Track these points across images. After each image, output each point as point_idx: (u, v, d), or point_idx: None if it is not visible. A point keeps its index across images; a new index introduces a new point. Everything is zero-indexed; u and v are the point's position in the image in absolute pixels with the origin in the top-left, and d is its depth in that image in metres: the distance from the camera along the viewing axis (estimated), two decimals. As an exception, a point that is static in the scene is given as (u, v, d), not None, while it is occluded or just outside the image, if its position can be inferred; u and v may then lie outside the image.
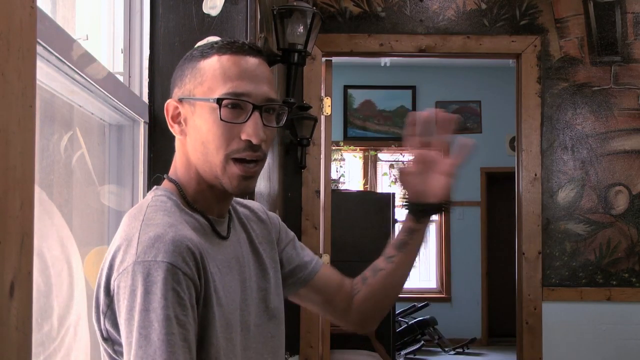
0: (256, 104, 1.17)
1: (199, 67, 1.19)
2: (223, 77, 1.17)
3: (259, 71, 1.20)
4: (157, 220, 1.12)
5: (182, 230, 1.11)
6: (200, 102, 1.17)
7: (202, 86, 1.18)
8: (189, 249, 1.08)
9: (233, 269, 1.21)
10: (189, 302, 1.07)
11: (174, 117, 1.22)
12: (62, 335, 1.38)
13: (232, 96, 1.16)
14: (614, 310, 3.94)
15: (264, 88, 1.19)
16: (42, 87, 1.34)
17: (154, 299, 1.03)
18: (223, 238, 1.22)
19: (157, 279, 1.04)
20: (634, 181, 3.99)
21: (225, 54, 1.18)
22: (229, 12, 2.03)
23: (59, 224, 1.43)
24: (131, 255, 1.06)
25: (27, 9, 0.82)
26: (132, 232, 1.10)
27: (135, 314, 1.03)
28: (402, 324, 7.18)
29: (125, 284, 1.05)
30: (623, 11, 4.00)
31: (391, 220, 5.73)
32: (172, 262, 1.05)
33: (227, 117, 1.16)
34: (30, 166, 0.84)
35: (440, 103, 7.98)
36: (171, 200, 1.18)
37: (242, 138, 1.16)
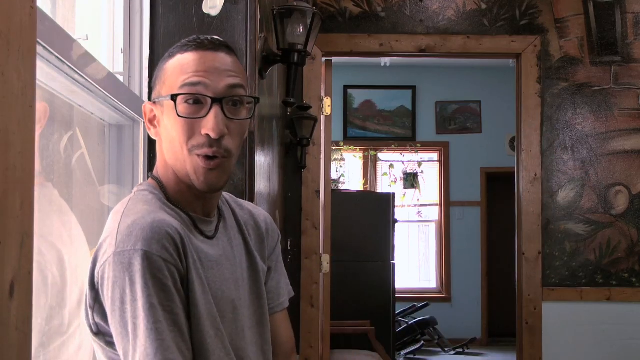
0: (215, 97, 1.15)
1: (164, 67, 1.20)
2: (180, 73, 1.16)
3: (220, 64, 1.18)
4: (137, 210, 1.12)
5: (161, 216, 1.10)
6: (166, 102, 1.17)
7: (165, 85, 1.18)
8: (167, 234, 1.07)
9: (223, 267, 1.20)
10: (173, 287, 1.06)
11: (151, 119, 1.23)
12: (75, 328, 1.39)
13: (186, 87, 1.15)
14: (614, 310, 3.94)
15: (225, 80, 1.17)
16: (42, 87, 1.34)
17: (137, 288, 1.03)
18: (207, 237, 1.21)
19: (137, 268, 1.04)
20: (634, 181, 3.99)
21: (187, 51, 1.18)
22: (229, 12, 2.03)
23: (72, 221, 1.44)
24: (111, 247, 1.07)
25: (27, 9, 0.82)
26: (114, 225, 1.10)
27: (119, 305, 1.04)
28: (402, 324, 7.18)
29: (108, 275, 1.06)
30: (623, 11, 4.00)
31: (391, 220, 5.73)
32: (151, 250, 1.05)
33: (185, 112, 1.15)
34: (30, 166, 0.84)
35: (440, 103, 7.98)
36: (153, 194, 1.19)
37: (202, 133, 1.14)
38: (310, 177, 3.93)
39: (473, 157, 7.93)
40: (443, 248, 8.01)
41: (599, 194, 3.98)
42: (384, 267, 5.65)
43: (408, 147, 7.91)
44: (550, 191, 3.99)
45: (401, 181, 8.04)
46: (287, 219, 3.88)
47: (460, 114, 7.99)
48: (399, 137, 7.97)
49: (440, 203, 8.07)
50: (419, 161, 8.03)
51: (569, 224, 3.97)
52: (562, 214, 3.98)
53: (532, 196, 3.97)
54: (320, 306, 3.91)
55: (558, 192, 3.99)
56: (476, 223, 7.95)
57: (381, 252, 5.65)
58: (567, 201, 3.98)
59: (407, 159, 8.03)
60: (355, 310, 5.45)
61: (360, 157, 7.93)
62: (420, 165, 8.02)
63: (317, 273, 3.90)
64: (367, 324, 5.27)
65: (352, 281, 5.50)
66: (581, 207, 3.98)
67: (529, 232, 3.96)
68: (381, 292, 5.60)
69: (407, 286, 7.94)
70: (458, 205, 7.97)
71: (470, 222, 7.94)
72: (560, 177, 3.99)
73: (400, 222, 7.22)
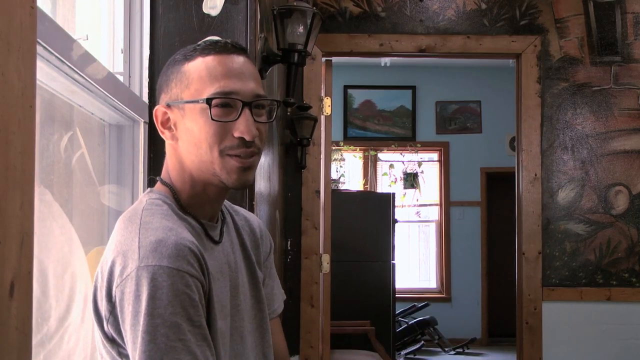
0: (245, 101, 1.17)
1: (183, 70, 1.19)
2: (209, 78, 1.17)
3: (245, 68, 1.19)
4: (156, 223, 1.11)
5: (182, 233, 1.11)
6: (190, 105, 1.17)
7: (189, 89, 1.18)
8: (191, 250, 1.08)
9: (224, 274, 1.21)
10: (199, 302, 1.07)
11: (164, 122, 1.21)
12: (61, 334, 1.38)
13: (220, 92, 1.15)
14: (614, 310, 3.94)
15: (251, 85, 1.18)
16: (42, 87, 1.34)
17: (160, 304, 1.02)
18: (216, 242, 1.22)
19: (163, 284, 1.03)
20: (634, 181, 3.99)
21: (209, 54, 1.18)
22: (229, 12, 2.03)
23: (62, 225, 1.43)
24: (133, 261, 1.06)
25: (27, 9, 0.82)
26: (131, 237, 1.09)
27: (140, 319, 1.03)
28: (402, 324, 7.18)
29: (130, 289, 1.04)
30: (623, 11, 4.00)
31: (391, 220, 5.72)
32: (178, 267, 1.05)
33: (217, 116, 1.15)
34: (30, 166, 0.84)
35: (440, 103, 7.98)
36: (166, 204, 1.18)
37: (235, 135, 1.16)
38: (310, 177, 3.93)
39: (473, 157, 7.93)
40: (443, 248, 8.01)
41: (599, 194, 3.98)
42: (384, 267, 5.65)
43: (408, 147, 7.91)
44: (550, 191, 3.99)
45: (401, 181, 8.04)
46: (287, 219, 3.88)
47: (460, 114, 7.99)
48: (399, 137, 7.97)
49: (440, 203, 8.07)
50: (419, 161, 8.03)
51: (569, 224, 3.97)
52: (562, 214, 3.98)
53: (532, 196, 3.97)
54: (320, 306, 3.91)
55: (558, 192, 3.99)
56: (476, 223, 7.95)
57: (381, 252, 5.65)
58: (567, 201, 3.98)
59: (407, 159, 8.03)
60: (355, 310, 5.45)
61: (360, 157, 7.93)
62: (420, 165, 8.02)
63: (317, 273, 3.90)
64: (367, 324, 5.27)
65: (352, 281, 5.50)
66: (581, 207, 3.98)
67: (529, 232, 3.96)
68: (381, 292, 5.60)
69: (407, 286, 7.94)
70: (458, 205, 7.97)
71: (470, 222, 7.94)
72: (560, 177, 3.99)
73: (400, 222, 7.22)
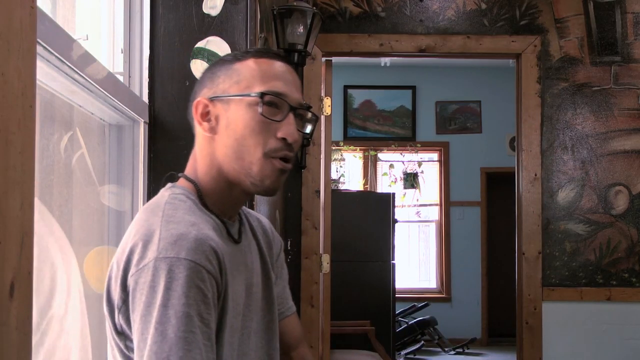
0: (293, 105, 1.19)
1: (234, 67, 1.21)
2: (262, 77, 1.19)
3: (293, 77, 1.23)
4: (178, 217, 1.11)
5: (204, 230, 1.11)
6: (236, 100, 1.19)
7: (238, 85, 1.20)
8: (212, 248, 1.08)
9: (241, 273, 1.21)
10: (212, 300, 1.06)
11: (203, 115, 1.22)
12: (44, 327, 1.38)
13: (274, 94, 1.18)
14: (614, 310, 3.94)
15: (298, 94, 1.22)
16: (42, 87, 1.34)
17: (174, 295, 1.02)
18: (235, 242, 1.22)
19: (179, 275, 1.03)
20: (634, 181, 3.99)
21: (262, 57, 1.22)
22: (229, 12, 2.03)
23: (41, 213, 1.43)
24: (152, 252, 1.05)
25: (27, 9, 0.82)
26: (152, 228, 1.09)
27: (153, 310, 1.02)
28: (402, 324, 7.18)
29: (145, 279, 1.04)
30: (623, 11, 4.00)
31: (391, 220, 5.72)
32: (196, 260, 1.05)
33: (266, 113, 1.17)
34: (30, 166, 0.84)
35: (440, 103, 7.98)
36: (190, 200, 1.18)
37: (278, 136, 1.18)
38: (310, 177, 3.93)
39: (473, 157, 7.93)
40: (443, 248, 8.01)
41: (599, 194, 3.98)
42: (384, 267, 5.65)
43: (408, 147, 7.91)
44: (550, 191, 3.99)
45: (401, 181, 8.04)
46: (287, 219, 3.88)
47: (460, 114, 7.99)
48: (399, 137, 7.97)
49: (440, 203, 8.07)
50: (419, 161, 8.03)
51: (569, 224, 3.97)
52: (562, 214, 3.98)
53: (532, 196, 3.97)
54: (320, 306, 3.91)
55: (558, 192, 3.99)
56: (476, 223, 7.95)
57: (381, 252, 5.65)
58: (567, 201, 3.98)
59: (407, 159, 8.03)
60: (355, 310, 5.45)
61: (360, 157, 7.93)
62: (420, 165, 8.02)
63: (317, 273, 3.90)
64: (367, 324, 5.27)
65: (352, 281, 5.50)
66: (581, 207, 3.98)
67: (529, 232, 3.96)
68: (381, 292, 5.60)
69: (407, 286, 7.94)
70: (458, 205, 7.97)
71: (470, 222, 7.94)
72: (560, 177, 3.99)
73: (400, 222, 7.21)
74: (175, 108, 2.01)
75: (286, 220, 3.87)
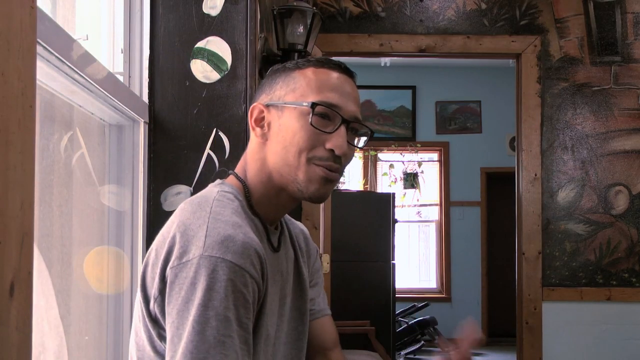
0: (345, 118, 1.18)
1: (293, 75, 1.21)
2: (318, 87, 1.19)
3: (351, 89, 1.22)
4: (226, 217, 1.10)
5: (250, 233, 1.10)
6: (290, 107, 1.18)
7: (294, 93, 1.19)
8: (257, 252, 1.07)
9: (277, 282, 1.20)
10: (252, 305, 1.06)
11: (257, 120, 1.23)
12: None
13: (326, 105, 1.17)
14: (614, 310, 3.94)
15: (353, 107, 1.21)
16: (42, 87, 1.34)
17: (215, 296, 1.01)
18: (274, 250, 1.22)
19: (222, 277, 1.02)
20: (634, 181, 3.99)
21: (322, 67, 1.21)
22: (229, 12, 2.03)
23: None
24: (197, 248, 1.05)
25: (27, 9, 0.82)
26: (199, 223, 1.08)
27: (191, 307, 1.01)
28: (402, 324, 7.18)
29: (187, 274, 1.03)
30: (623, 11, 4.00)
31: (391, 220, 5.72)
32: (241, 264, 1.04)
33: (316, 123, 1.17)
34: (30, 166, 0.84)
35: (440, 103, 7.98)
36: (237, 200, 1.18)
37: (327, 147, 1.17)
38: (310, 177, 3.93)
39: (473, 157, 7.93)
40: (443, 248, 8.01)
41: (599, 194, 3.98)
42: (384, 267, 5.65)
43: (408, 147, 7.91)
44: (550, 191, 3.98)
45: (401, 181, 8.04)
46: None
47: (460, 114, 7.99)
48: (399, 137, 7.97)
49: (440, 203, 8.07)
50: (419, 161, 8.03)
51: (569, 224, 3.97)
52: (562, 214, 3.98)
53: (532, 196, 3.97)
54: (320, 306, 3.91)
55: (558, 192, 3.99)
56: (476, 223, 7.95)
57: (381, 252, 5.65)
58: (567, 201, 3.98)
59: (407, 159, 8.02)
60: (355, 310, 5.45)
61: (360, 157, 7.93)
62: (420, 165, 8.02)
63: (317, 273, 3.90)
64: (367, 324, 5.27)
65: (352, 281, 5.50)
66: (581, 207, 3.98)
67: (529, 232, 3.96)
68: (381, 292, 5.60)
69: (407, 286, 7.94)
70: (458, 205, 7.97)
71: (470, 222, 7.94)
72: (560, 177, 3.99)
73: (400, 222, 7.21)
74: (175, 108, 2.01)
75: (286, 220, 3.87)
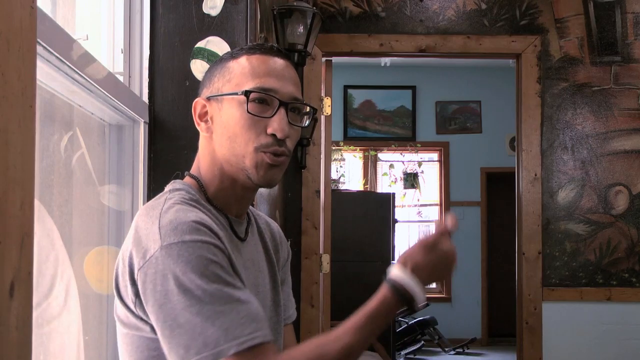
0: (282, 100, 1.20)
1: (227, 66, 1.23)
2: (251, 74, 1.20)
3: (286, 72, 1.23)
4: (176, 207, 1.12)
5: (201, 215, 1.11)
6: (228, 98, 1.20)
7: (230, 83, 1.21)
8: (210, 228, 1.09)
9: (249, 270, 1.21)
10: (228, 267, 1.07)
11: (201, 115, 1.24)
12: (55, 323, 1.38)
13: (260, 90, 1.18)
14: (614, 310, 3.94)
15: (290, 87, 1.22)
16: (42, 87, 1.34)
17: (192, 277, 1.02)
18: (240, 239, 1.23)
19: (189, 257, 1.03)
20: (634, 181, 3.99)
21: (254, 54, 1.22)
22: (229, 12, 2.03)
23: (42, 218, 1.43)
24: (155, 242, 1.06)
25: (27, 9, 0.82)
26: (152, 221, 1.09)
27: (173, 297, 1.02)
28: (402, 324, 7.18)
29: (155, 269, 1.04)
30: (623, 11, 4.00)
31: (391, 220, 5.72)
32: (200, 239, 1.05)
33: (254, 110, 1.18)
34: (30, 166, 0.84)
35: (440, 103, 7.98)
36: (190, 194, 1.19)
37: (268, 132, 1.18)
38: (310, 177, 3.93)
39: (473, 157, 7.92)
40: (443, 248, 8.00)
41: (599, 194, 3.98)
42: (384, 267, 5.63)
43: (408, 147, 7.91)
44: (550, 191, 3.98)
45: (401, 181, 8.04)
46: (287, 219, 3.88)
47: (460, 114, 7.99)
48: (399, 137, 7.96)
49: (440, 203, 8.07)
50: (419, 161, 8.03)
51: (569, 224, 3.97)
52: (562, 214, 3.98)
53: (532, 196, 3.97)
54: (320, 306, 3.91)
55: (558, 192, 3.99)
56: (476, 223, 7.95)
57: (381, 252, 5.65)
58: (567, 201, 3.98)
59: (407, 159, 8.02)
60: (355, 310, 5.44)
61: (360, 157, 7.93)
62: (420, 165, 8.02)
63: (317, 273, 3.90)
64: (367, 324, 5.26)
65: (352, 281, 5.50)
66: (581, 207, 3.98)
67: (529, 232, 3.96)
68: (381, 292, 5.59)
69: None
70: (458, 205, 7.97)
71: (470, 222, 7.94)
72: (560, 177, 3.99)
73: (400, 222, 7.21)
74: (175, 108, 2.01)
75: (286, 220, 3.87)
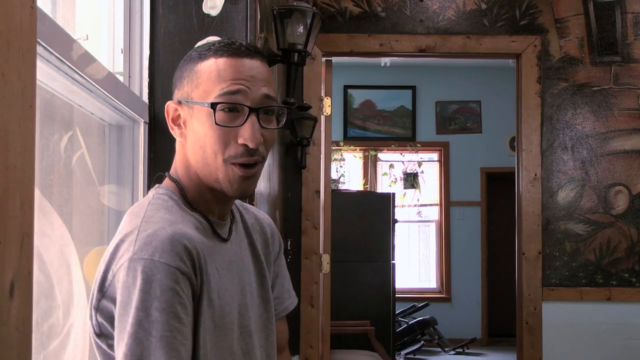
0: (252, 107, 1.15)
1: (196, 69, 1.18)
2: (218, 79, 1.15)
3: (256, 72, 1.17)
4: (158, 217, 1.11)
5: (182, 228, 1.10)
6: (198, 106, 1.16)
7: (198, 89, 1.17)
8: (185, 247, 1.07)
9: (233, 271, 1.20)
10: (187, 300, 1.06)
11: (174, 119, 1.21)
12: (65, 333, 1.38)
13: (226, 96, 1.14)
14: (614, 310, 3.94)
15: (261, 89, 1.16)
16: (42, 87, 1.34)
17: (151, 297, 1.02)
18: (223, 240, 1.21)
19: (154, 277, 1.02)
20: (634, 181, 3.99)
21: (222, 56, 1.16)
22: (229, 12, 2.03)
23: (58, 227, 1.43)
24: (128, 252, 1.05)
25: (27, 9, 0.82)
26: (132, 229, 1.09)
27: (130, 310, 1.02)
28: (402, 324, 7.18)
29: (119, 279, 1.04)
30: (623, 11, 4.00)
31: (391, 220, 5.72)
32: (170, 263, 1.04)
33: (222, 121, 1.14)
34: (30, 166, 0.84)
35: (440, 103, 7.98)
36: (172, 200, 1.17)
37: (239, 142, 1.14)
38: (310, 177, 3.93)
39: (473, 157, 7.92)
40: (443, 248, 8.01)
41: (599, 194, 3.98)
42: (384, 267, 5.65)
43: (408, 147, 7.91)
44: (550, 191, 3.98)
45: (401, 181, 8.04)
46: (287, 219, 3.88)
47: (460, 114, 7.99)
48: (399, 137, 7.96)
49: (440, 203, 8.07)
50: (419, 161, 8.03)
51: (569, 224, 3.97)
52: (562, 214, 3.98)
53: (532, 196, 3.97)
54: (320, 306, 3.91)
55: (558, 192, 3.99)
56: (476, 223, 7.95)
57: (381, 252, 5.65)
58: (567, 201, 3.98)
59: (407, 159, 8.02)
60: (355, 310, 5.45)
61: (360, 157, 7.93)
62: (420, 165, 8.02)
63: (317, 273, 3.90)
64: (367, 324, 5.27)
65: (352, 281, 5.50)
66: (581, 207, 3.98)
67: (529, 232, 3.96)
68: (381, 292, 5.60)
69: (407, 286, 7.93)
70: (458, 205, 7.97)
71: (470, 222, 7.94)
72: (560, 177, 3.99)
73: (400, 222, 7.21)
74: (175, 108, 2.01)
75: (286, 220, 3.87)
